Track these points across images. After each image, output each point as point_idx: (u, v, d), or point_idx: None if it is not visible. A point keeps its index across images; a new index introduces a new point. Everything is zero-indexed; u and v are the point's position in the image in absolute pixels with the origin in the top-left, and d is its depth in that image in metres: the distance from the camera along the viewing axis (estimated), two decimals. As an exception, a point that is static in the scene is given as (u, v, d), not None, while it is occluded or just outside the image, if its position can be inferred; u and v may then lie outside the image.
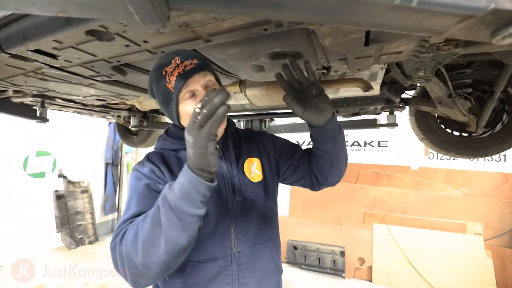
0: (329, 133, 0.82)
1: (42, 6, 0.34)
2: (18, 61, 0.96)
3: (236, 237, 0.81)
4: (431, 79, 1.28)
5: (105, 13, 0.36)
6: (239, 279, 0.80)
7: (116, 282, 3.10)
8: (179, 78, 0.72)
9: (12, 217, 3.62)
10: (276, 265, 0.90)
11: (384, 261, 3.04)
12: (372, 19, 0.38)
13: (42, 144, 3.98)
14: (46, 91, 1.51)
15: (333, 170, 0.88)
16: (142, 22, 0.36)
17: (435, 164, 3.42)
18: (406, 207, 3.21)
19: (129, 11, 0.34)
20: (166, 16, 0.37)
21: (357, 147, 3.85)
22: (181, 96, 0.75)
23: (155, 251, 0.59)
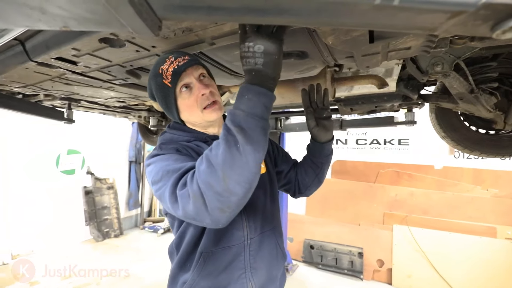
0: (326, 150, 1.01)
1: (48, 22, 0.38)
2: (44, 68, 1.04)
3: (248, 224, 0.86)
4: (450, 74, 1.21)
5: (102, 26, 0.39)
6: (251, 264, 0.85)
7: (137, 275, 3.26)
8: (174, 73, 0.77)
9: (46, 210, 3.93)
10: (282, 251, 0.97)
11: (405, 264, 2.92)
12: (358, 20, 0.38)
13: (72, 143, 4.28)
14: (71, 95, 1.63)
15: (315, 182, 1.05)
16: (135, 32, 0.39)
17: (462, 164, 3.21)
18: (428, 208, 3.06)
19: (122, 23, 0.37)
20: (156, 25, 0.39)
21: (376, 146, 3.72)
22: (178, 90, 0.80)
23: (237, 171, 0.57)
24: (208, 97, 0.80)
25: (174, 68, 0.77)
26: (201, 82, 0.81)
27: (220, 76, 1.23)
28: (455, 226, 2.82)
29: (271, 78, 0.61)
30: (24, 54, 0.94)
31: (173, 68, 0.77)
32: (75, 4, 0.33)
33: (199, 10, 0.35)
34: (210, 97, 0.81)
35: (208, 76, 0.86)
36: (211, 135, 0.88)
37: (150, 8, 0.36)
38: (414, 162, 3.38)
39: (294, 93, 1.59)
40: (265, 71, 0.59)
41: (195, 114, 0.82)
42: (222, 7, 0.35)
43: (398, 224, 3.04)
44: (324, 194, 3.67)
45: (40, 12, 0.35)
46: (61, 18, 0.37)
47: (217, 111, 0.82)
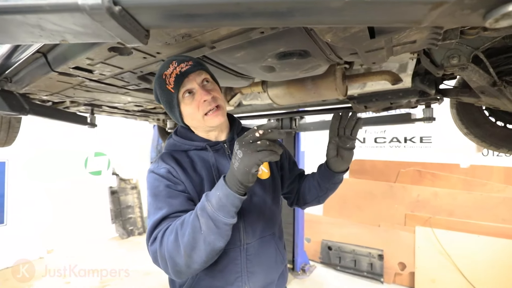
0: (336, 179, 0.98)
1: (48, 37, 0.42)
2: (65, 77, 1.13)
3: (245, 230, 0.86)
4: (467, 67, 1.14)
5: (94, 38, 0.42)
6: (248, 268, 0.85)
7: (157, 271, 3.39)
8: (177, 79, 0.78)
9: (77, 208, 4.21)
10: (282, 256, 0.96)
11: (428, 267, 2.77)
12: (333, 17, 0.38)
13: (99, 146, 4.55)
14: (93, 101, 1.74)
15: (315, 202, 1.05)
16: (124, 42, 0.42)
17: (491, 162, 2.98)
18: (454, 209, 2.87)
19: (111, 35, 0.40)
20: (143, 34, 0.42)
21: (396, 144, 3.56)
22: (181, 96, 0.81)
23: (197, 254, 0.68)
24: (210, 102, 0.81)
25: (177, 74, 0.78)
26: (204, 87, 0.82)
27: (227, 78, 1.25)
28: (484, 228, 2.63)
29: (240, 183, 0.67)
30: (47, 65, 1.03)
31: (176, 74, 0.78)
32: (66, 20, 0.36)
33: (178, 18, 0.37)
34: (212, 103, 0.81)
35: (211, 80, 0.87)
36: (211, 142, 0.89)
37: (133, 19, 0.38)
38: (438, 161, 3.19)
39: (304, 92, 1.58)
40: (237, 176, 0.66)
41: (197, 119, 0.83)
42: (198, 14, 0.36)
43: (420, 225, 2.89)
44: (342, 194, 3.59)
45: (40, 28, 0.39)
46: (58, 33, 0.40)
47: (219, 117, 0.83)
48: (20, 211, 3.67)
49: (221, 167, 0.87)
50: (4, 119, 1.73)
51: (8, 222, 3.56)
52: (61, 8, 0.34)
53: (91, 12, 0.34)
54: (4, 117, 1.73)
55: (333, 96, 1.50)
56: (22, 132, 2.00)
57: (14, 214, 3.61)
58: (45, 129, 3.85)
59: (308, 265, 3.31)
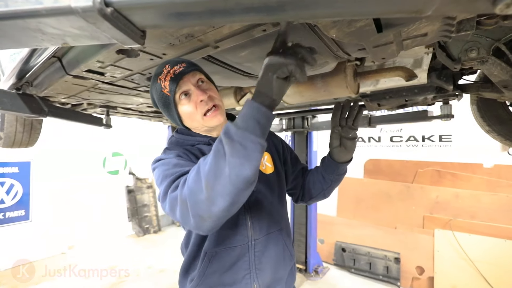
0: (340, 170, 0.97)
1: (50, 41, 0.44)
2: (79, 80, 1.18)
3: (252, 226, 0.86)
4: (488, 60, 1.08)
5: (93, 40, 0.43)
6: (256, 265, 0.85)
7: (172, 268, 3.47)
8: (172, 82, 0.78)
9: (96, 206, 4.39)
10: (290, 252, 0.95)
11: (448, 272, 2.64)
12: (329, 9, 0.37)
13: (116, 146, 4.72)
14: (107, 102, 1.80)
15: (320, 196, 1.03)
16: (120, 43, 0.43)
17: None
18: (477, 212, 2.72)
19: (107, 37, 0.41)
20: (138, 35, 0.42)
21: (414, 143, 3.42)
22: (177, 98, 0.81)
23: (220, 182, 0.56)
24: (207, 102, 0.81)
25: (171, 77, 0.78)
26: (199, 88, 0.81)
27: (235, 78, 1.25)
28: (510, 232, 2.46)
29: (269, 96, 0.59)
30: (62, 69, 1.07)
31: (170, 77, 0.78)
32: (63, 23, 0.37)
33: (171, 17, 0.37)
34: (209, 102, 0.81)
35: (206, 80, 0.86)
36: (215, 138, 0.89)
37: (127, 20, 0.38)
38: (459, 160, 3.03)
39: (314, 91, 1.55)
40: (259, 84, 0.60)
41: (196, 120, 0.83)
42: (190, 12, 0.36)
43: (440, 228, 2.76)
44: (356, 195, 3.50)
45: (41, 32, 0.40)
46: (58, 36, 0.42)
47: (218, 117, 0.82)
48: (43, 208, 3.87)
49: None
50: (26, 121, 1.83)
51: (33, 219, 3.77)
52: (56, 12, 0.35)
53: (84, 15, 0.35)
54: (26, 119, 1.82)
55: (344, 94, 1.46)
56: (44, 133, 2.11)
57: (38, 211, 3.81)
58: (66, 130, 4.04)
59: (321, 266, 3.26)
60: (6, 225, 3.53)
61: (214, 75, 1.10)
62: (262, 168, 0.94)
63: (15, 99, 1.34)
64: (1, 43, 0.45)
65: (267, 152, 0.99)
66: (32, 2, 0.35)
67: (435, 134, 3.27)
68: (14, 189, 3.63)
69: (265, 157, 0.97)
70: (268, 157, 0.98)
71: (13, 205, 3.62)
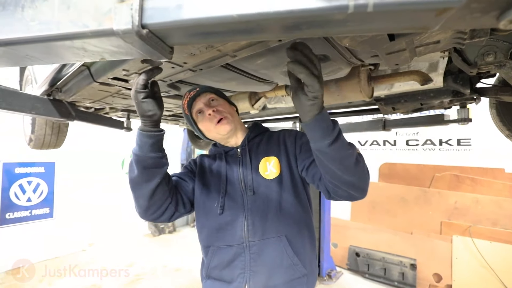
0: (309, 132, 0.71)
1: (90, 57, 0.49)
2: (105, 87, 1.26)
3: (248, 228, 0.91)
4: (505, 64, 1.06)
5: (127, 55, 0.49)
6: (251, 267, 0.89)
7: (187, 267, 3.54)
8: (188, 104, 1.01)
9: (113, 206, 4.56)
10: (292, 261, 0.89)
11: (468, 281, 2.54)
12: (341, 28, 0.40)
13: (134, 148, 4.89)
14: (129, 107, 1.90)
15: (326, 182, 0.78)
16: (152, 59, 0.48)
17: (543, 166, 2.67)
18: (499, 218, 2.61)
19: (140, 53, 0.46)
20: (167, 51, 0.47)
21: (431, 146, 3.33)
22: (195, 116, 1.03)
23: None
24: (214, 115, 0.97)
25: (188, 100, 1.01)
26: (209, 105, 1.00)
27: (251, 84, 1.30)
28: (535, 241, 2.36)
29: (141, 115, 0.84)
30: (90, 76, 1.16)
31: (187, 101, 1.01)
32: (103, 43, 0.43)
33: (196, 36, 0.42)
34: (217, 115, 0.97)
35: (217, 97, 1.04)
36: (227, 148, 1.06)
37: (159, 39, 0.44)
38: (478, 165, 2.92)
39: (328, 95, 1.56)
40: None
41: (211, 131, 1.01)
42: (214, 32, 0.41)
43: (459, 235, 2.67)
44: (371, 199, 3.44)
45: (84, 50, 0.46)
46: (98, 53, 0.47)
47: (224, 125, 0.97)
48: (66, 207, 4.07)
49: (230, 168, 1.01)
50: (54, 124, 1.96)
51: (56, 217, 3.98)
52: (101, 34, 0.40)
53: (124, 36, 0.40)
54: (55, 123, 1.95)
55: (357, 98, 1.47)
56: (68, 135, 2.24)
57: (61, 209, 4.01)
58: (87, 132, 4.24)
59: (334, 271, 3.23)
60: (32, 221, 3.75)
61: (231, 81, 1.16)
62: (265, 174, 0.96)
63: (47, 104, 1.44)
64: (48, 59, 0.51)
65: (275, 157, 0.97)
66: (79, 26, 0.41)
67: (453, 137, 3.17)
68: (40, 188, 3.85)
69: (272, 162, 0.97)
70: (275, 161, 0.97)
71: (39, 203, 3.83)
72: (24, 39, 0.43)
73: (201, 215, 0.99)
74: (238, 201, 0.94)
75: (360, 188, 0.76)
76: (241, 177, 0.97)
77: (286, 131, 1.08)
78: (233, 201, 0.94)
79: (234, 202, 0.94)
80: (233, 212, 0.93)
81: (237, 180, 0.97)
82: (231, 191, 0.95)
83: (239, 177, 0.97)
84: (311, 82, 0.60)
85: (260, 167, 0.97)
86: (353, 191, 0.76)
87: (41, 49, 0.46)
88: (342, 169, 0.70)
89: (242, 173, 0.98)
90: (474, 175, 2.90)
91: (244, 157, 1.00)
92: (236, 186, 0.96)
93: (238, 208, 0.93)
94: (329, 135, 0.67)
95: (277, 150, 1.00)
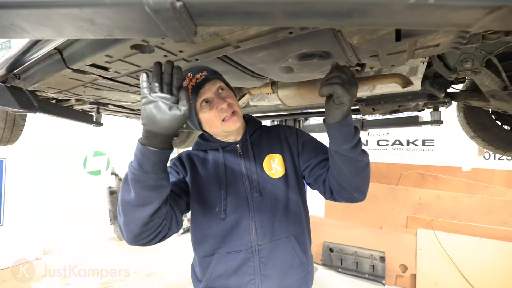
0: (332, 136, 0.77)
1: (94, 32, 0.41)
2: (78, 75, 1.12)
3: (256, 231, 0.85)
4: (481, 71, 1.16)
5: (142, 33, 0.42)
6: (261, 271, 0.84)
7: (160, 271, 3.36)
8: (194, 90, 0.82)
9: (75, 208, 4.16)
10: (301, 260, 0.90)
11: (430, 270, 2.79)
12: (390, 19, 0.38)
13: (98, 145, 4.50)
14: (100, 99, 1.72)
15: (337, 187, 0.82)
16: (173, 39, 0.41)
17: (492, 165, 3.03)
18: (456, 212, 2.90)
19: (162, 31, 0.39)
20: (193, 31, 0.41)
21: (399, 147, 3.59)
22: (198, 106, 0.85)
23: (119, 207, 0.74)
24: (226, 109, 0.84)
25: (193, 85, 0.82)
26: (219, 96, 0.85)
27: (243, 78, 1.25)
28: (487, 231, 2.66)
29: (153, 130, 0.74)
30: (61, 62, 1.01)
31: (192, 86, 0.82)
32: (121, 14, 0.36)
33: (235, 15, 0.37)
34: (228, 109, 0.84)
35: (226, 87, 0.90)
36: (224, 143, 0.94)
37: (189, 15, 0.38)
38: (440, 164, 3.22)
39: (315, 94, 1.58)
40: None
41: (215, 126, 0.86)
42: (257, 12, 0.36)
43: (422, 228, 2.92)
44: (343, 196, 3.59)
45: (90, 23, 0.38)
46: (107, 27, 0.40)
47: (235, 122, 0.85)
48: (17, 211, 3.60)
49: (230, 166, 0.91)
50: (9, 116, 1.70)
51: (5, 223, 3.50)
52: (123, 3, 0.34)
53: (154, 7, 0.33)
54: (9, 114, 1.70)
55: (344, 98, 1.51)
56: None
57: (11, 214, 3.54)
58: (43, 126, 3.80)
59: (309, 267, 3.31)
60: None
61: (224, 74, 1.09)
62: (270, 172, 0.91)
63: (4, 92, 1.24)
64: (38, 31, 0.42)
65: (279, 155, 0.94)
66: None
67: (419, 138, 3.46)
68: (-16, 190, 3.36)
69: (276, 160, 0.93)
70: (279, 159, 0.94)
71: (-18, 207, 3.34)
72: (16, 2, 0.34)
73: (201, 223, 0.89)
74: (242, 202, 0.86)
75: (363, 192, 0.84)
76: (244, 175, 0.89)
77: (285, 127, 1.05)
78: (237, 202, 0.86)
79: (238, 204, 0.86)
80: (238, 215, 0.85)
81: (240, 179, 0.88)
82: (232, 192, 0.87)
83: (242, 176, 0.89)
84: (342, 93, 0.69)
85: (265, 165, 0.92)
86: (356, 194, 0.83)
87: (35, 18, 0.37)
88: (354, 172, 0.78)
89: (246, 171, 0.90)
90: (436, 173, 3.19)
91: (246, 153, 0.92)
92: (238, 185, 0.88)
93: (243, 210, 0.86)
94: (350, 140, 0.75)
95: (279, 147, 0.96)
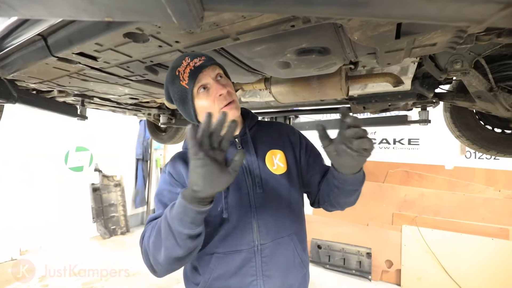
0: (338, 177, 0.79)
1: (92, 13, 0.38)
2: (64, 64, 1.05)
3: (259, 229, 0.82)
4: (469, 72, 1.19)
5: (145, 16, 0.39)
6: (263, 271, 0.81)
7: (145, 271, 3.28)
8: (191, 75, 0.77)
9: (55, 206, 3.98)
10: (301, 258, 0.89)
11: (414, 265, 2.89)
12: (404, 11, 0.38)
13: (81, 140, 4.32)
14: (86, 91, 1.64)
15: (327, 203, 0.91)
16: (178, 23, 0.39)
17: (473, 164, 3.18)
18: (439, 209, 3.02)
19: (167, 14, 0.36)
20: (200, 16, 0.39)
21: (386, 145, 3.69)
22: (195, 91, 0.80)
23: (159, 255, 0.69)
24: (225, 97, 0.80)
25: (191, 69, 0.77)
26: (218, 82, 0.81)
27: (238, 73, 1.23)
28: (467, 227, 2.79)
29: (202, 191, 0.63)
30: (46, 49, 0.95)
31: (190, 70, 0.77)
32: (128, -8, 0.33)
33: (247, 0, 0.35)
34: (227, 97, 0.80)
35: (224, 76, 0.86)
36: None
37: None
38: (425, 162, 3.34)
39: (309, 91, 1.58)
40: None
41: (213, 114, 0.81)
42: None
43: (407, 224, 3.01)
44: (331, 193, 3.65)
45: (89, 2, 0.35)
46: (107, 8, 0.37)
47: (233, 111, 0.81)
48: (-8, 208, 3.40)
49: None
50: (-16, 108, 1.59)
51: (-22, 221, 3.30)
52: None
53: (162, -14, 0.31)
54: (-16, 106, 1.59)
55: (337, 96, 1.52)
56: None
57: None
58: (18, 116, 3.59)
59: (297, 263, 3.34)
60: None
61: (219, 68, 1.07)
62: (272, 168, 0.89)
63: (-20, 81, 1.15)
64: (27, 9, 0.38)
65: (280, 151, 0.92)
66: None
67: (405, 137, 3.57)
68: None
69: (278, 156, 0.91)
70: (281, 155, 0.92)
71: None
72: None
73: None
74: (244, 199, 0.83)
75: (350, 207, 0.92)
76: (246, 170, 0.86)
77: (285, 125, 1.04)
78: (238, 199, 0.83)
79: (238, 201, 0.83)
80: (240, 213, 0.82)
81: (241, 175, 0.85)
82: (233, 188, 0.83)
83: (243, 170, 0.85)
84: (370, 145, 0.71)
85: (267, 160, 0.89)
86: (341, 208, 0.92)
87: (26, -8, 0.34)
88: (348, 197, 0.85)
89: (248, 166, 0.86)
90: (421, 171, 3.31)
91: (246, 147, 0.89)
92: (239, 181, 0.84)
93: (244, 208, 0.83)
94: (358, 187, 0.81)
95: (281, 143, 0.94)
